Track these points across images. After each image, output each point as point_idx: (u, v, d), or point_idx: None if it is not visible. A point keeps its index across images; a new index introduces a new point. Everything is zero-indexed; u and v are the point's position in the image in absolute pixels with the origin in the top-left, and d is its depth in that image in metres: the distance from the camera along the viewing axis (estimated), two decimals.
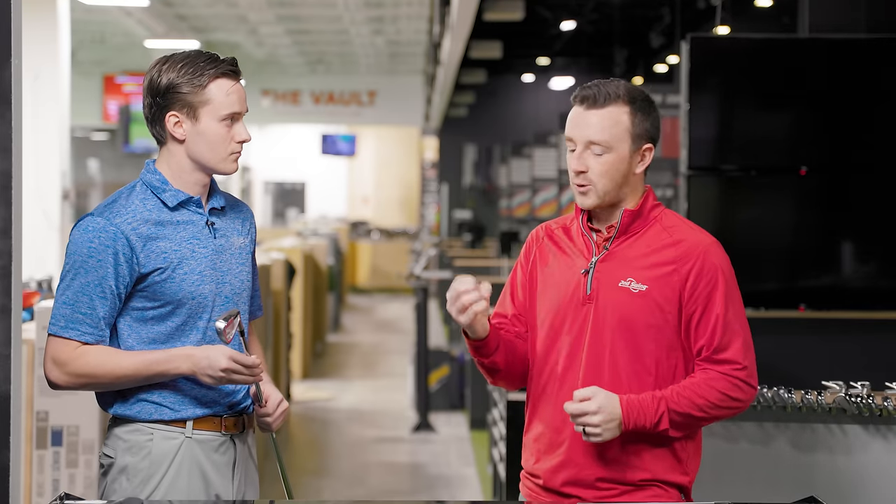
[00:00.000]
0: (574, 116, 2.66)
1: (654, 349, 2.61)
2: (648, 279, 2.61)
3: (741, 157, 4.86)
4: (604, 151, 2.61)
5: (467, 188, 19.96)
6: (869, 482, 3.50)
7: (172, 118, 2.72)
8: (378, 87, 18.57)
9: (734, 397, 2.60)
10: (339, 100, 18.57)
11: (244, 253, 2.83)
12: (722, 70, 4.90)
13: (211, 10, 13.07)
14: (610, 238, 2.66)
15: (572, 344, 2.65)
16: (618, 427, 2.54)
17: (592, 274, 2.64)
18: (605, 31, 13.95)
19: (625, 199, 2.66)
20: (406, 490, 6.97)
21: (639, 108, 2.63)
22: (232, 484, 2.77)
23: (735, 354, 2.60)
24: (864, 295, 4.85)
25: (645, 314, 2.60)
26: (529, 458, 2.74)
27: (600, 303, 2.62)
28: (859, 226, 4.88)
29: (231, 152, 2.74)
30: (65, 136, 8.14)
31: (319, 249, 12.54)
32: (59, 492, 3.68)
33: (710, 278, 2.60)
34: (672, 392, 2.58)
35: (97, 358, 2.66)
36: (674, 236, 2.64)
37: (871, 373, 3.62)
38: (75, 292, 2.66)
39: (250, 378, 2.68)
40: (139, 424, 2.72)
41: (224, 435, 2.76)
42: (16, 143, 2.46)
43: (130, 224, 2.67)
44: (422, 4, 12.44)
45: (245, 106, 2.76)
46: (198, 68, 2.69)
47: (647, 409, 2.56)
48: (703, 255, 2.61)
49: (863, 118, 4.85)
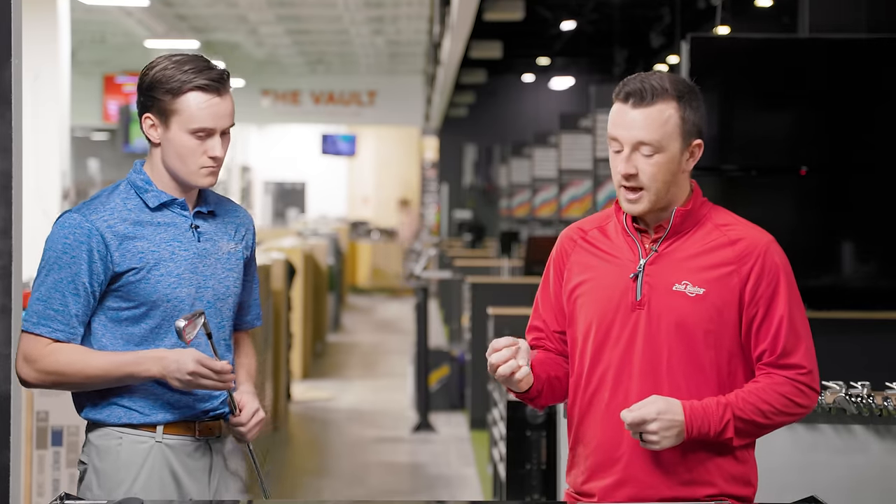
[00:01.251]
0: (618, 115, 2.47)
1: (714, 355, 2.46)
2: (706, 282, 2.46)
3: (741, 157, 4.85)
4: (654, 152, 2.44)
5: (467, 188, 19.96)
6: (869, 482, 3.50)
7: (148, 120, 2.67)
8: (378, 87, 18.58)
9: (799, 403, 2.46)
10: (339, 100, 18.58)
11: (233, 259, 2.76)
12: (722, 70, 4.89)
13: (211, 10, 13.07)
14: (659, 239, 2.50)
15: (623, 353, 2.48)
16: (678, 435, 2.39)
17: (642, 278, 2.48)
18: (605, 31, 13.95)
19: (674, 198, 2.50)
20: (406, 490, 6.97)
21: (687, 101, 2.47)
22: (209, 488, 2.71)
23: (801, 359, 2.47)
24: (864, 295, 4.84)
25: (703, 319, 2.45)
26: (579, 475, 2.56)
27: (653, 308, 2.47)
28: (860, 226, 4.88)
29: (201, 166, 2.65)
30: (65, 136, 8.14)
31: (319, 249, 12.53)
32: (60, 492, 3.68)
33: (771, 278, 2.47)
34: (737, 398, 2.43)
35: (67, 356, 2.60)
36: (729, 235, 2.50)
37: (871, 373, 3.62)
38: (48, 288, 2.60)
39: (219, 384, 2.60)
40: (109, 429, 2.67)
41: (198, 440, 2.70)
42: (16, 143, 2.46)
43: (107, 221, 2.62)
44: (422, 4, 12.44)
45: (225, 122, 2.66)
46: (177, 76, 2.62)
47: (711, 415, 2.41)
48: (763, 255, 2.48)
49: (863, 118, 4.85)
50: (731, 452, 2.48)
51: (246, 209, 2.91)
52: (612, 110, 2.49)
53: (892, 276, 4.84)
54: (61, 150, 8.04)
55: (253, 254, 2.87)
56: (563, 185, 10.28)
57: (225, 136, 2.69)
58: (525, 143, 15.09)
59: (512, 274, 9.49)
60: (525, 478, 4.44)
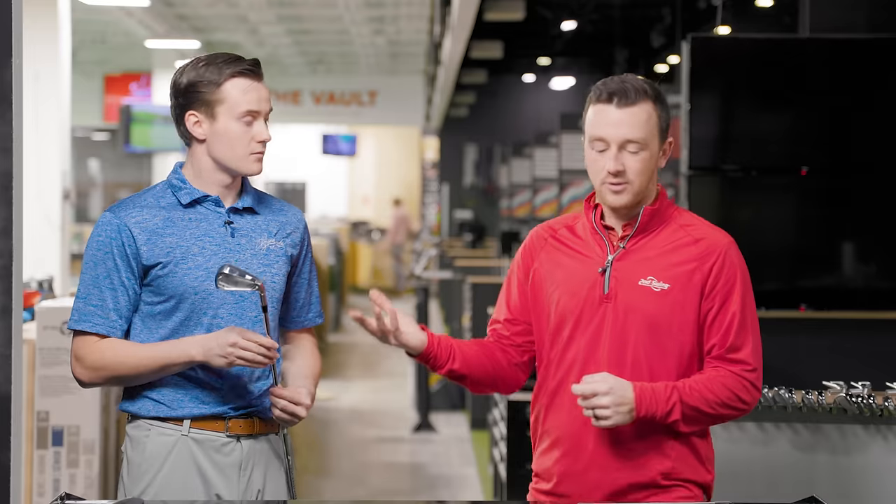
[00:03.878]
0: (602, 115, 2.57)
1: (676, 348, 2.57)
2: (670, 278, 2.57)
3: (742, 157, 4.85)
4: (640, 149, 2.55)
5: (468, 188, 19.96)
6: (869, 482, 3.50)
7: (192, 117, 2.74)
8: (379, 87, 18.57)
9: (742, 398, 2.56)
10: (340, 100, 18.57)
11: (272, 255, 2.79)
12: (723, 70, 4.89)
13: (212, 11, 13.07)
14: (626, 236, 2.62)
15: (590, 343, 2.60)
16: (630, 412, 2.48)
17: (609, 272, 2.60)
18: (605, 31, 13.95)
19: (648, 195, 2.62)
20: (407, 490, 6.97)
21: (660, 102, 2.59)
22: (238, 485, 2.73)
23: (747, 355, 2.57)
24: (864, 295, 4.84)
25: (667, 313, 2.56)
26: (546, 462, 2.68)
27: (619, 302, 2.58)
28: (860, 226, 4.88)
29: (251, 152, 2.74)
30: (65, 136, 8.13)
31: (320, 249, 12.54)
32: (60, 492, 3.68)
33: (729, 276, 2.58)
34: (684, 385, 2.54)
35: (113, 350, 2.68)
36: (693, 234, 2.61)
37: (872, 373, 3.62)
38: (86, 286, 2.71)
39: (260, 358, 2.62)
40: (141, 421, 2.74)
41: (229, 436, 2.74)
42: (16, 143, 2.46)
43: (136, 218, 2.70)
44: (422, 4, 12.44)
45: (266, 105, 2.75)
46: (215, 67, 2.71)
47: (659, 396, 2.51)
48: (724, 254, 2.59)
49: (864, 118, 4.85)
50: (688, 439, 2.58)
51: (299, 209, 2.95)
52: (591, 111, 2.59)
53: (892, 276, 4.85)
54: (62, 150, 8.03)
55: (307, 252, 2.90)
56: (564, 185, 10.29)
57: (266, 121, 2.77)
58: (525, 143, 15.09)
59: None
60: (525, 478, 4.42)
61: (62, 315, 4.25)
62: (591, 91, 2.60)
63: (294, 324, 2.91)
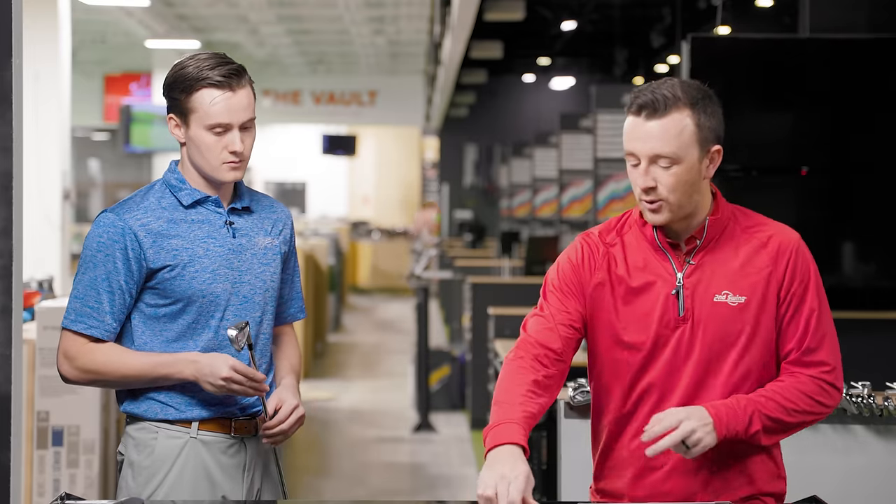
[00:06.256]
0: (633, 128, 2.43)
1: (760, 363, 2.47)
2: (745, 289, 2.45)
3: (742, 157, 4.85)
4: (672, 163, 2.40)
5: (468, 188, 19.95)
6: (869, 482, 3.50)
7: (171, 121, 2.74)
8: (379, 87, 18.57)
9: (822, 402, 2.46)
10: (340, 100, 18.57)
11: (270, 254, 2.80)
12: (723, 70, 4.89)
13: (212, 11, 13.07)
14: (692, 250, 2.48)
15: (669, 368, 2.47)
16: (714, 431, 2.36)
17: (682, 292, 2.46)
18: (605, 31, 13.95)
19: (698, 206, 2.47)
20: (407, 490, 6.97)
21: (701, 108, 2.41)
22: (242, 486, 2.75)
23: (825, 356, 2.47)
24: (864, 295, 4.84)
25: (746, 327, 2.45)
26: (616, 482, 2.57)
27: (696, 322, 2.45)
28: (860, 226, 4.88)
29: (224, 161, 2.70)
30: (65, 136, 8.13)
31: (320, 249, 12.54)
32: (60, 492, 3.68)
33: (803, 276, 2.48)
34: (759, 396, 2.42)
35: (105, 355, 2.67)
36: (759, 237, 2.49)
37: (871, 373, 3.62)
38: (85, 286, 2.69)
39: (251, 391, 2.66)
40: (146, 423, 2.73)
41: (234, 437, 2.74)
42: (16, 143, 2.46)
43: (140, 220, 2.68)
44: (422, 4, 12.44)
45: (241, 116, 2.70)
46: (190, 73, 2.67)
47: (735, 410, 2.39)
48: (795, 252, 2.48)
49: (864, 118, 4.85)
50: (762, 452, 2.50)
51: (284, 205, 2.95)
52: (626, 124, 2.46)
53: (892, 276, 4.84)
54: (62, 150, 8.04)
55: (292, 248, 2.90)
56: (564, 186, 10.28)
57: (246, 130, 2.73)
58: (525, 143, 15.08)
59: (512, 274, 9.48)
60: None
61: (62, 315, 4.24)
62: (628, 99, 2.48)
63: (277, 320, 2.89)
